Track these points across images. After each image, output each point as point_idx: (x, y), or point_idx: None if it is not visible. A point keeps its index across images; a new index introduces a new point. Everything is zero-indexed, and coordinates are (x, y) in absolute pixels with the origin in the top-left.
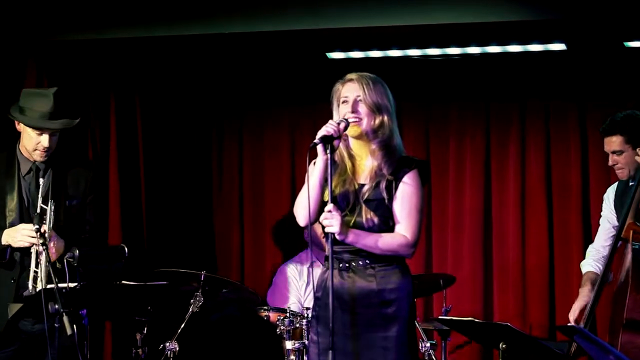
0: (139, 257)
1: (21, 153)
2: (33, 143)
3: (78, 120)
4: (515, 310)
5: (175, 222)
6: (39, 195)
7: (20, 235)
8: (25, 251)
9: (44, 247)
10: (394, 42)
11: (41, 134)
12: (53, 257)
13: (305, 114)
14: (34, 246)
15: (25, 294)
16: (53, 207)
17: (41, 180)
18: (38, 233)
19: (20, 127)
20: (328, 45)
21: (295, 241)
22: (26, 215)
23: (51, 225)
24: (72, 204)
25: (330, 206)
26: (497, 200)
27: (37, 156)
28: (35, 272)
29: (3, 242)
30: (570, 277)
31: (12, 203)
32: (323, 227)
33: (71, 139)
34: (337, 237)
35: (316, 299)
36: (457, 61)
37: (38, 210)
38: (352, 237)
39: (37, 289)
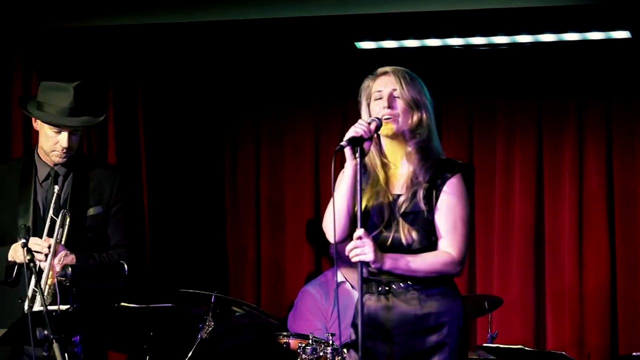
0: (140, 275)
1: (39, 157)
2: (51, 143)
3: (102, 118)
4: (572, 337)
5: (182, 236)
6: (52, 204)
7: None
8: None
9: (32, 264)
10: (433, 30)
11: (59, 133)
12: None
13: (332, 112)
14: (38, 262)
15: None
16: (68, 218)
17: (55, 188)
18: (25, 248)
19: (38, 124)
20: (357, 34)
21: (319, 259)
22: (41, 227)
23: (62, 239)
24: (94, 215)
25: (360, 231)
26: (551, 212)
27: (56, 157)
28: (35, 291)
29: (9, 259)
30: (635, 300)
31: (26, 214)
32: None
33: None
34: (372, 266)
35: (353, 326)
36: (505, 52)
37: (48, 222)
38: (390, 263)
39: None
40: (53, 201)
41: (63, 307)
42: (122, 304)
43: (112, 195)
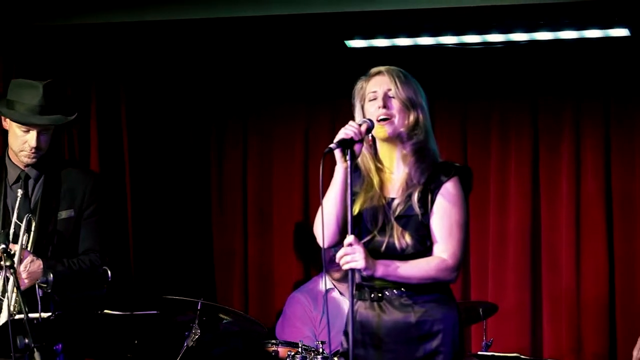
0: (124, 282)
1: (9, 159)
2: (19, 142)
3: (74, 117)
4: (569, 345)
5: (167, 240)
6: (16, 208)
7: None
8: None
9: (12, 270)
10: (426, 27)
11: (28, 132)
12: (24, 284)
13: (322, 112)
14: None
15: None
16: (34, 223)
17: (19, 192)
18: (4, 254)
19: (7, 123)
20: (347, 32)
21: (309, 264)
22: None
23: (28, 245)
24: (66, 218)
25: (350, 238)
26: (547, 215)
27: (24, 158)
28: (0, 300)
29: None
30: (634, 307)
31: None
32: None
33: None
34: (363, 273)
35: (345, 334)
36: (499, 50)
37: (12, 227)
38: (382, 270)
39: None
40: (17, 206)
41: (44, 315)
42: (106, 311)
43: (85, 198)
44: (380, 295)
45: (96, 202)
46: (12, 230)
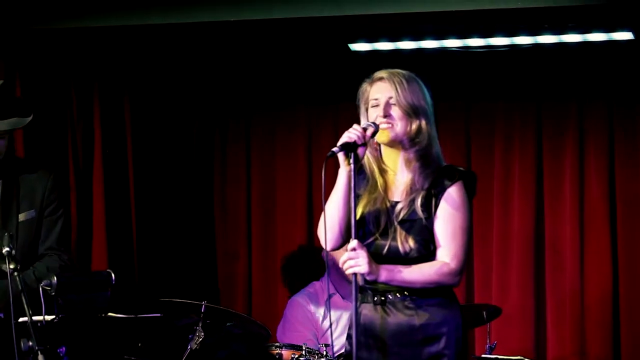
0: (128, 284)
1: None
2: None
3: (30, 119)
4: (573, 347)
5: (171, 243)
6: None
7: None
8: None
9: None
10: (430, 31)
11: None
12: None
13: (325, 115)
14: None
15: None
16: None
17: None
18: (8, 257)
19: None
20: (351, 35)
21: (312, 267)
22: None
23: None
24: (26, 220)
25: (354, 243)
26: (551, 218)
27: None
28: None
29: None
30: (638, 310)
31: None
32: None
33: (48, 145)
34: (366, 277)
35: (348, 337)
36: (503, 53)
37: None
38: (385, 275)
39: None
40: None
41: (48, 318)
42: (110, 314)
43: (45, 196)
44: (383, 298)
45: (56, 200)
46: None
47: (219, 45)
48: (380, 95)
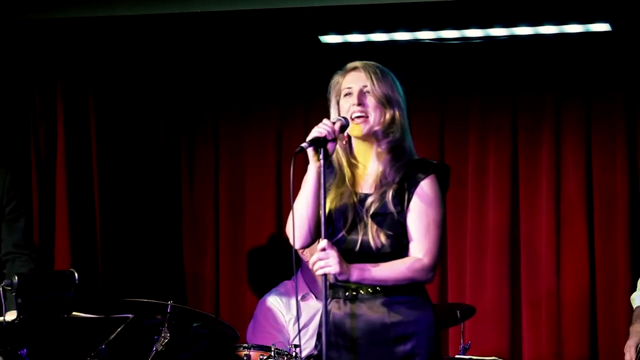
0: (91, 284)
1: None
2: None
3: None
4: (549, 348)
5: (136, 242)
6: None
7: None
8: None
9: None
10: (402, 22)
11: None
12: None
13: (295, 109)
14: None
15: None
16: None
17: None
18: None
19: None
20: (322, 27)
21: (283, 265)
22: None
23: None
24: None
25: (323, 242)
26: (527, 215)
27: None
28: None
29: None
30: (615, 309)
31: None
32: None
33: (9, 143)
34: (338, 278)
35: (318, 337)
36: (478, 45)
37: None
38: (357, 274)
39: None
40: None
41: (9, 318)
42: (73, 314)
43: (4, 194)
44: (354, 294)
45: (17, 197)
46: None
47: (187, 38)
48: (354, 84)
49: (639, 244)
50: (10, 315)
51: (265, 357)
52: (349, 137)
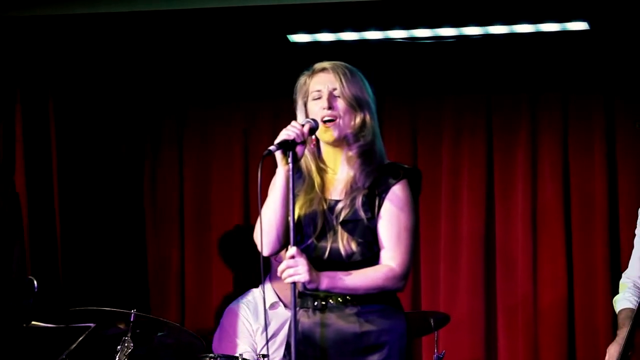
0: (51, 292)
1: None
2: None
3: None
4: (526, 356)
5: (98, 248)
6: None
7: None
8: None
9: None
10: (374, 21)
11: None
12: None
13: (262, 111)
14: None
15: None
16: None
17: None
18: None
19: None
20: (290, 26)
21: (251, 273)
22: None
23: None
24: None
25: (292, 250)
26: (502, 219)
27: None
28: None
29: None
30: (593, 316)
31: None
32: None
33: None
34: (307, 286)
35: (287, 346)
36: (452, 45)
37: None
38: (327, 282)
39: None
40: None
41: None
42: (32, 323)
43: None
44: (324, 303)
45: None
46: None
47: (149, 38)
48: (323, 86)
49: (617, 248)
50: None
51: None
52: (318, 141)
